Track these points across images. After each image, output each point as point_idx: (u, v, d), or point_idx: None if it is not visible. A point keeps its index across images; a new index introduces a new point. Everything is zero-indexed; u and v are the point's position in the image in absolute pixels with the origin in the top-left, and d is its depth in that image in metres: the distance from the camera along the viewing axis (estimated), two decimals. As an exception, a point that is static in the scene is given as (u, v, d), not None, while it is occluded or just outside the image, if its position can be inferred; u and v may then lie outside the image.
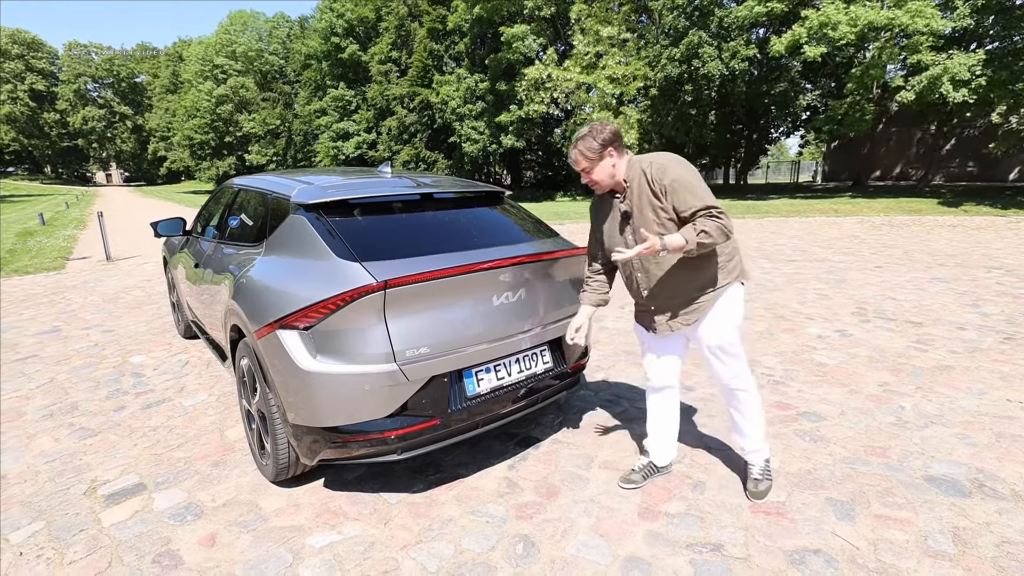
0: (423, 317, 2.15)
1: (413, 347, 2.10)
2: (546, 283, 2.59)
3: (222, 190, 3.90)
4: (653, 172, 2.01)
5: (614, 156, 2.07)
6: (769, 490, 2.32)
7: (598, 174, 2.09)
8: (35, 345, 4.75)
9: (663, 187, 1.98)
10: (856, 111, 16.64)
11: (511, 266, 2.36)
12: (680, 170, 2.00)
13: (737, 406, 2.31)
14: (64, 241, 12.07)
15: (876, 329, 4.56)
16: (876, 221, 13.06)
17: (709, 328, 2.16)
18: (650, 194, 2.03)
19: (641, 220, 2.08)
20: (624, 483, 2.43)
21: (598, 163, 2.07)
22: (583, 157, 2.06)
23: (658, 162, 2.02)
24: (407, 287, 2.06)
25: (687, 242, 1.91)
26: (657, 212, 2.03)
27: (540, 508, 2.29)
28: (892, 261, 7.69)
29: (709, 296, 2.13)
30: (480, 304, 2.30)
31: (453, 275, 2.17)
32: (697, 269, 2.12)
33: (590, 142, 2.04)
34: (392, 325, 2.08)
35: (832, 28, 14.89)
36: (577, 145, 2.07)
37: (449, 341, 2.19)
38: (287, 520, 2.26)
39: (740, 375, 2.23)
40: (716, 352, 2.19)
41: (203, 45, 43.88)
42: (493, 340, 2.31)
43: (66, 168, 70.56)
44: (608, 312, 5.33)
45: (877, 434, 2.81)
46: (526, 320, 2.46)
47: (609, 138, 2.04)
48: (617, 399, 3.35)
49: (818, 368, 3.73)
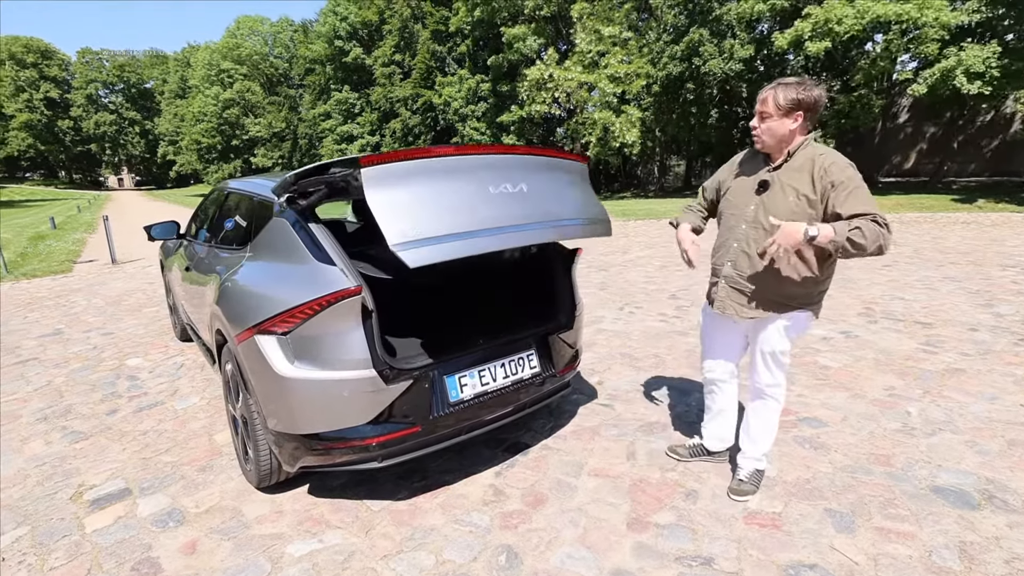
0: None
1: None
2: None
3: (214, 193, 3.88)
4: (824, 163, 1.88)
5: (798, 122, 1.92)
6: (751, 494, 2.28)
7: (772, 126, 1.94)
8: (36, 348, 4.77)
9: (829, 182, 1.86)
10: (863, 105, 16.37)
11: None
12: (852, 172, 1.88)
13: (761, 412, 2.29)
14: (73, 244, 12.20)
15: (883, 330, 4.44)
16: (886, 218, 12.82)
17: (770, 336, 2.14)
18: (807, 181, 1.91)
19: (776, 197, 1.97)
20: (669, 452, 2.63)
21: (780, 118, 1.92)
22: (772, 102, 1.91)
23: (833, 158, 1.90)
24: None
25: (836, 234, 1.80)
26: (799, 199, 1.92)
27: (526, 517, 2.22)
28: (901, 259, 7.53)
29: (779, 306, 2.08)
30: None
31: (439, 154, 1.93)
32: (791, 276, 2.01)
33: (791, 93, 1.88)
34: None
35: (837, 22, 14.65)
36: (777, 88, 1.92)
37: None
38: (269, 527, 2.22)
39: (778, 385, 2.22)
40: (768, 358, 2.18)
41: (210, 50, 44.35)
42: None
43: (80, 173, 71.63)
44: (607, 313, 5.25)
45: (881, 441, 2.71)
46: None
47: (809, 102, 1.88)
48: (611, 403, 3.27)
49: (821, 371, 3.63)
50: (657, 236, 11.06)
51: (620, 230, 12.38)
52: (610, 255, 8.92)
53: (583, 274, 7.20)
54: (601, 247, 9.87)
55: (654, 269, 7.50)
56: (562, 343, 2.65)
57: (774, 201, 1.98)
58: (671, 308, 5.35)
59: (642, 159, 26.28)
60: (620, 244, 10.14)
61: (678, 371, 3.75)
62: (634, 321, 4.98)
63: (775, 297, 2.07)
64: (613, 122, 20.05)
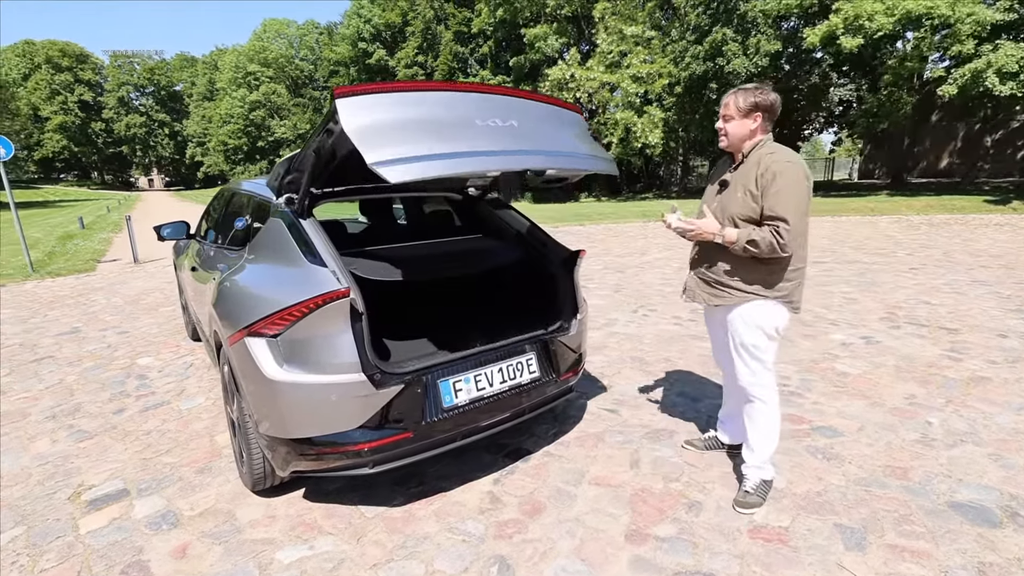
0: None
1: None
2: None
3: (220, 193, 3.91)
4: (768, 161, 2.01)
5: (757, 123, 2.07)
6: (757, 506, 2.19)
7: (733, 128, 2.10)
8: (52, 346, 4.87)
9: (767, 180, 1.99)
10: (893, 104, 15.90)
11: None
12: (791, 176, 1.96)
13: (751, 415, 2.25)
14: (99, 244, 12.52)
15: (906, 336, 4.25)
16: (914, 220, 12.42)
17: (736, 324, 2.17)
18: (753, 178, 2.03)
19: (730, 195, 2.12)
20: (686, 444, 2.68)
21: (740, 119, 2.08)
22: (733, 105, 2.08)
23: (781, 158, 2.01)
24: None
25: (736, 240, 2.02)
26: (745, 195, 2.05)
27: (521, 527, 2.16)
28: (929, 262, 7.25)
29: (738, 293, 2.13)
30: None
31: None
32: (737, 256, 2.10)
33: (748, 97, 2.05)
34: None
35: (868, 19, 14.25)
36: (736, 93, 2.10)
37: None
38: (261, 532, 2.19)
39: (761, 384, 2.20)
40: (740, 350, 2.20)
41: (236, 53, 45.31)
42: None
43: (112, 174, 73.86)
44: (620, 315, 5.15)
45: (899, 452, 2.57)
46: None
47: (765, 105, 2.04)
48: (618, 409, 3.18)
49: (838, 378, 3.48)
50: (677, 238, 10.87)
51: (639, 231, 12.22)
52: (627, 256, 8.79)
53: (598, 275, 7.10)
54: (618, 248, 9.74)
55: (671, 271, 7.35)
56: (564, 347, 2.58)
57: (729, 198, 2.12)
58: (686, 311, 5.23)
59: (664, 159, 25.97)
60: (638, 246, 10.00)
61: (689, 376, 3.64)
62: (647, 324, 4.87)
63: (732, 283, 2.14)
64: (635, 122, 19.86)
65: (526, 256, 2.92)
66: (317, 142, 1.95)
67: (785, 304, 2.13)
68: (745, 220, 2.06)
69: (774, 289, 2.11)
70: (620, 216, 15.88)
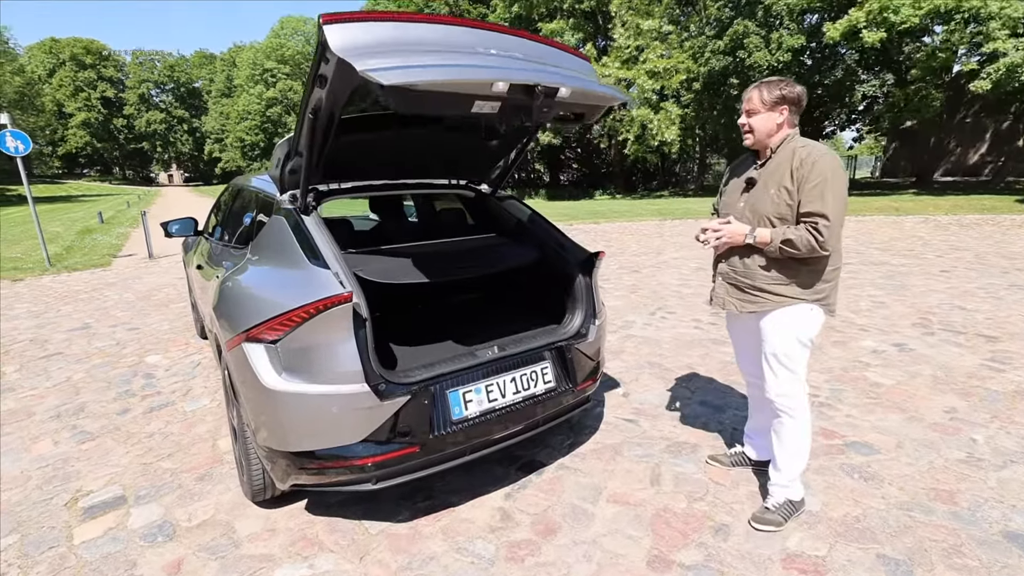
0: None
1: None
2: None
3: (227, 189, 3.81)
4: (803, 154, 1.88)
5: (784, 116, 1.95)
6: (776, 525, 2.04)
7: (758, 123, 1.98)
8: (63, 342, 4.84)
9: (803, 175, 1.86)
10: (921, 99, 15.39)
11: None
12: (829, 168, 1.84)
13: (778, 429, 2.09)
14: (116, 239, 12.62)
15: (942, 343, 4.02)
16: (943, 220, 11.99)
17: (769, 331, 2.04)
18: (787, 173, 1.90)
19: (760, 193, 1.99)
20: (710, 460, 2.53)
21: (765, 112, 1.96)
22: (758, 99, 1.96)
23: (815, 151, 1.88)
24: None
25: (771, 241, 1.90)
26: (780, 191, 1.91)
27: (534, 549, 2.01)
28: (961, 265, 6.94)
29: (774, 297, 1.99)
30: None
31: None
32: (771, 258, 1.97)
33: (773, 89, 1.94)
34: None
35: (894, 11, 13.79)
36: (760, 86, 1.98)
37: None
38: (260, 547, 2.08)
39: (790, 395, 2.03)
40: (770, 359, 2.05)
41: (254, 50, 45.70)
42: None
43: (132, 169, 75.08)
44: (637, 318, 4.97)
45: (943, 473, 2.38)
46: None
47: (792, 98, 1.93)
48: (636, 419, 3.02)
49: (871, 389, 3.28)
50: (694, 236, 10.64)
51: (655, 230, 11.98)
52: (643, 256, 8.59)
53: (613, 275, 6.91)
54: (634, 247, 9.54)
55: (689, 271, 7.14)
56: (581, 355, 2.43)
57: (758, 196, 1.99)
58: (706, 314, 5.04)
59: (681, 157, 25.59)
60: (654, 245, 9.78)
61: (712, 384, 3.46)
62: (666, 327, 4.69)
63: (767, 287, 2.00)
64: (651, 119, 19.58)
65: (542, 257, 2.77)
66: (313, 101, 1.77)
67: (823, 307, 2.00)
68: (779, 219, 1.92)
69: (811, 291, 1.97)
70: (635, 214, 15.63)
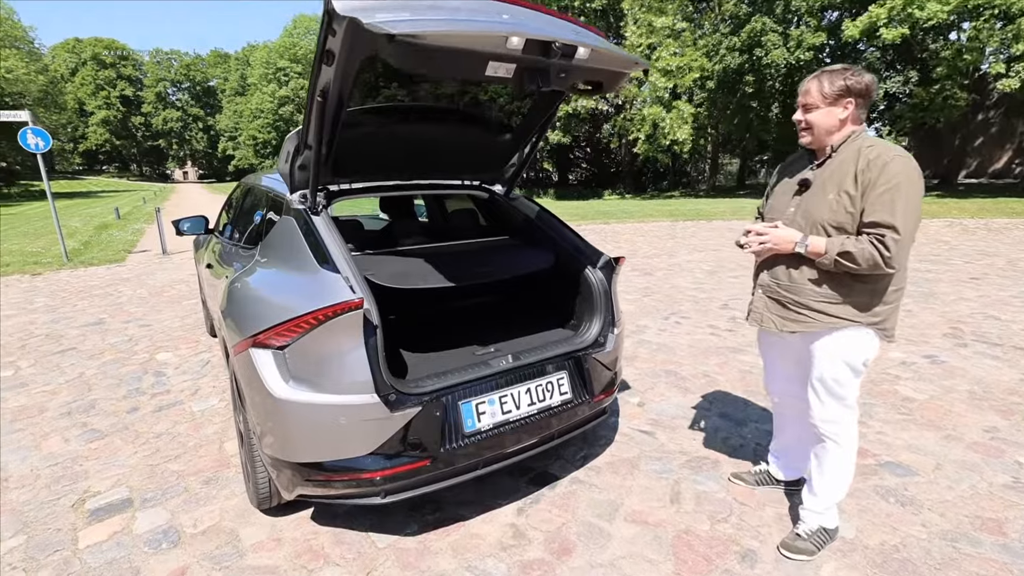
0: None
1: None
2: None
3: (238, 187, 3.76)
4: (870, 155, 1.64)
5: (848, 111, 1.70)
6: (807, 554, 1.91)
7: (818, 118, 1.74)
8: (77, 337, 4.84)
9: (871, 179, 1.62)
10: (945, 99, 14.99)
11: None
12: (903, 172, 1.60)
13: (820, 456, 1.94)
14: (132, 235, 12.74)
15: (976, 356, 3.85)
16: (969, 224, 11.65)
17: (818, 357, 1.84)
18: (851, 175, 1.66)
19: (815, 196, 1.76)
20: (733, 478, 2.40)
21: (827, 107, 1.72)
22: (817, 92, 1.72)
23: (887, 151, 1.64)
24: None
25: (826, 252, 1.68)
26: (839, 196, 1.68)
27: (548, 570, 1.91)
28: (992, 272, 6.70)
29: (824, 318, 1.77)
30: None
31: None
32: (825, 272, 1.75)
33: (836, 79, 1.69)
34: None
35: (919, 7, 13.43)
36: (820, 76, 1.74)
37: None
38: (264, 558, 2.01)
39: (836, 422, 1.88)
40: (817, 384, 1.87)
41: (267, 49, 46.09)
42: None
43: (149, 166, 76.30)
44: (651, 323, 4.85)
45: (987, 500, 2.23)
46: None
47: (858, 89, 1.68)
48: (653, 430, 2.91)
49: (903, 404, 3.13)
50: (707, 238, 10.45)
51: (667, 231, 11.80)
52: (655, 258, 8.43)
53: (625, 278, 6.78)
54: (645, 248, 9.39)
55: (703, 274, 6.99)
56: (599, 365, 2.32)
57: (813, 200, 1.77)
58: (723, 320, 4.89)
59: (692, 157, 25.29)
60: (666, 247, 9.61)
61: (731, 396, 3.33)
62: (681, 333, 4.56)
63: (816, 305, 1.78)
64: (663, 118, 19.33)
65: (558, 261, 2.67)
66: (321, 82, 1.72)
67: (879, 332, 1.77)
68: (836, 228, 1.69)
69: (867, 314, 1.74)
70: (646, 214, 15.43)
